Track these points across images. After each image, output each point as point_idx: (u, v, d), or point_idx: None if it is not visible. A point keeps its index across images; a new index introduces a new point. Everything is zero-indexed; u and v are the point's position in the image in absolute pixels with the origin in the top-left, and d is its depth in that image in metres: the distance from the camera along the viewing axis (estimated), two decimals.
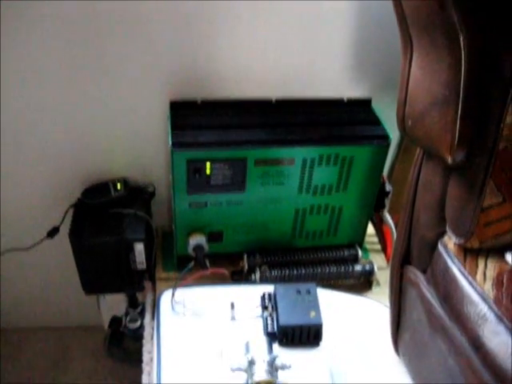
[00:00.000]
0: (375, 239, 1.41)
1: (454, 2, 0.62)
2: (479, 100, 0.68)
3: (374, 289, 1.28)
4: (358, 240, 1.31)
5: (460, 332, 0.76)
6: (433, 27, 0.68)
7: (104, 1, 1.04)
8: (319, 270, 1.24)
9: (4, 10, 1.02)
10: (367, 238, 1.36)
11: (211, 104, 1.18)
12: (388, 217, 1.28)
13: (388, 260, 1.34)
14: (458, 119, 0.68)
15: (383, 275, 1.27)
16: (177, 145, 1.06)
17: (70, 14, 1.04)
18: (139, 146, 1.26)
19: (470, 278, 0.77)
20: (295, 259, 1.26)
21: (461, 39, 0.65)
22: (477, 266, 0.79)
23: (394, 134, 1.15)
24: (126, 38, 1.09)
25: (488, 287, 0.76)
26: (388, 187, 1.25)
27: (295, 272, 1.23)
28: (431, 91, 0.71)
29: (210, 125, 1.12)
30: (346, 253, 1.28)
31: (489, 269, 0.79)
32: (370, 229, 1.39)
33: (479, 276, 0.78)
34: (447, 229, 0.81)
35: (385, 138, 1.13)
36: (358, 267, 1.26)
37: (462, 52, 0.65)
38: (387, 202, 1.26)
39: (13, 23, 1.04)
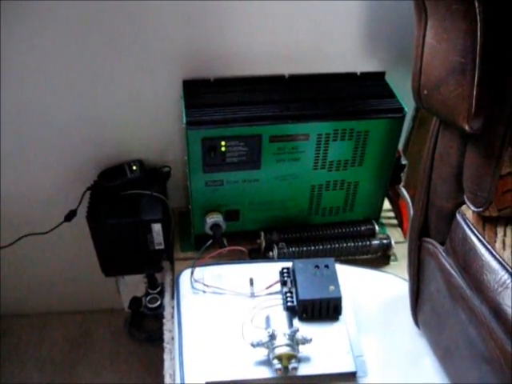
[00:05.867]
0: (392, 214, 1.40)
1: None
2: (496, 67, 0.67)
3: (392, 263, 1.28)
4: (375, 215, 1.31)
5: (480, 301, 0.76)
6: None
7: None
8: (336, 245, 1.24)
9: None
10: (384, 213, 1.36)
11: (224, 81, 1.17)
12: (404, 191, 1.27)
13: (405, 234, 1.34)
14: (474, 87, 0.68)
15: (400, 249, 1.27)
16: (191, 123, 1.06)
17: None
18: (154, 126, 1.26)
19: (489, 246, 0.77)
20: (312, 235, 1.26)
21: (476, 5, 0.64)
22: (496, 234, 0.79)
23: (409, 107, 1.14)
24: (138, 19, 1.09)
25: (508, 255, 0.75)
26: (404, 161, 1.24)
27: (312, 248, 1.23)
28: (447, 59, 0.71)
29: (224, 102, 1.11)
30: (363, 228, 1.28)
31: (508, 236, 0.79)
32: (387, 204, 1.39)
33: (498, 244, 0.78)
34: (465, 198, 0.81)
35: (400, 110, 1.12)
36: (375, 242, 1.26)
37: (478, 18, 0.65)
38: (403, 176, 1.25)
39: (22, 9, 1.04)
